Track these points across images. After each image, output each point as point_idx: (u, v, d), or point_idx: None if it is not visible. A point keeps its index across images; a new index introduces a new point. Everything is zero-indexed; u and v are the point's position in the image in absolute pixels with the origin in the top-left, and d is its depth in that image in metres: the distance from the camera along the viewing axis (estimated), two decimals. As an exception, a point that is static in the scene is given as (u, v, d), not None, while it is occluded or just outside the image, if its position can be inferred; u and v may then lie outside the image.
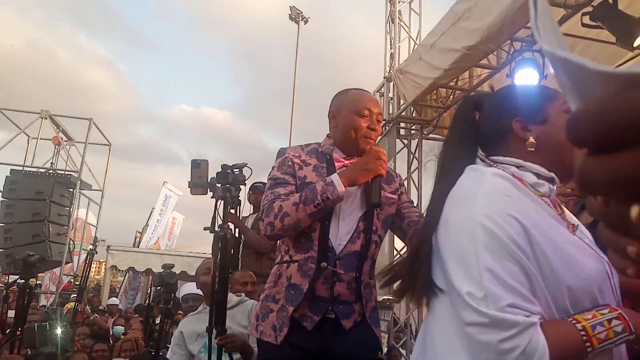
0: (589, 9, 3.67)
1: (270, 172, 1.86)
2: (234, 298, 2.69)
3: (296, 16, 13.97)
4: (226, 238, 3.65)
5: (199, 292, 3.63)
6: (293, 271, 1.72)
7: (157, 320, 4.11)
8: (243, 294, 2.82)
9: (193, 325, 2.63)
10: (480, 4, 4.01)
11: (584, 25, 3.82)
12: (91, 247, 6.67)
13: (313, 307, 1.70)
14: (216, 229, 3.10)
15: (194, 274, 8.36)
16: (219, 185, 4.43)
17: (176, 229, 13.48)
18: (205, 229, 2.53)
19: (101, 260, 15.02)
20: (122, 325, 6.13)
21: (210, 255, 2.60)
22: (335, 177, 1.68)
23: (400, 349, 5.80)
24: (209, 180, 2.41)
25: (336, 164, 1.80)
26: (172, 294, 3.19)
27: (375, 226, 1.78)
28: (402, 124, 6.22)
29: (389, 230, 1.91)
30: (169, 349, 2.80)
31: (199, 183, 2.33)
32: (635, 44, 3.58)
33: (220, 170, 4.41)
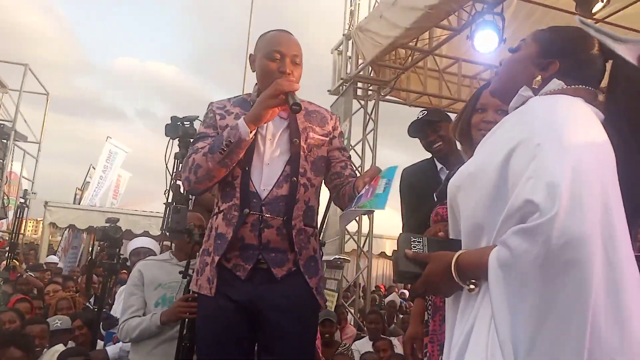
0: (552, -28, 3.66)
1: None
2: None
3: (252, -32, 13.36)
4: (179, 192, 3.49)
5: (150, 246, 3.48)
6: (219, 221, 1.72)
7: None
8: None
9: (153, 271, 2.40)
10: (445, -39, 3.91)
11: (545, -12, 3.82)
12: (21, 200, 6.25)
13: (243, 255, 1.68)
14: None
15: (140, 232, 8.17)
16: (169, 138, 4.21)
17: (122, 187, 12.96)
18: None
19: (38, 219, 14.29)
20: (59, 284, 5.85)
21: (157, 214, 2.45)
22: (240, 120, 1.63)
23: (348, 307, 5.90)
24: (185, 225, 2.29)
25: None
26: (117, 249, 3.03)
27: (303, 168, 1.72)
28: (360, 84, 6.13)
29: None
30: (121, 294, 2.57)
31: (176, 228, 2.26)
32: (594, 10, 3.62)
33: (169, 122, 4.19)
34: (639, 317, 0.83)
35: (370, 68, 5.86)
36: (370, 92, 6.22)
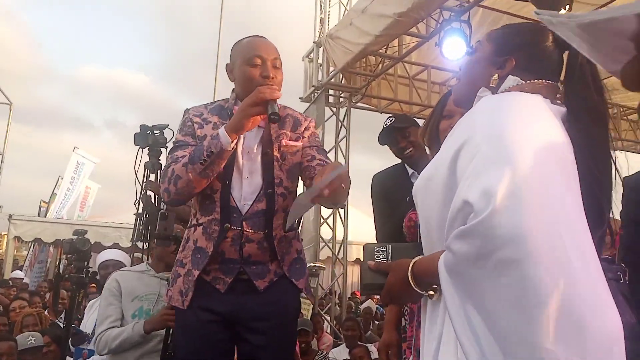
0: (515, -19, 3.77)
1: (175, 135, 1.78)
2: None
3: (221, -24, 13.32)
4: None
5: (119, 258, 3.38)
6: (199, 234, 1.67)
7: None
8: None
9: (131, 282, 2.33)
10: (413, -30, 3.98)
11: (510, -4, 3.92)
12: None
13: (224, 269, 1.65)
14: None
15: (109, 244, 7.96)
16: (138, 147, 4.12)
17: (90, 198, 12.63)
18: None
19: (3, 233, 13.80)
20: (25, 300, 5.64)
21: (128, 225, 2.41)
22: (221, 130, 1.59)
23: (324, 315, 5.88)
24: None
25: None
26: (85, 262, 2.93)
27: (278, 178, 1.70)
28: (331, 92, 6.16)
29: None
30: (90, 308, 2.47)
31: (164, 235, 2.23)
32: (556, 18, 3.73)
33: (139, 131, 4.10)
34: (598, 315, 0.78)
35: (341, 75, 5.90)
36: (341, 99, 6.25)
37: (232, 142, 1.58)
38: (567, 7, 3.78)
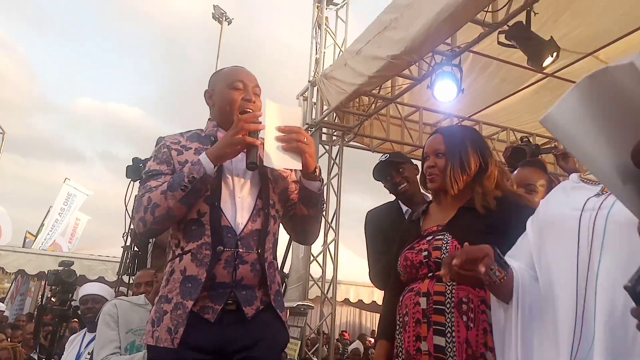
0: (504, 28, 3.90)
1: (147, 164, 1.72)
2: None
3: (220, 16, 13.66)
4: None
5: (102, 293, 3.30)
6: (187, 262, 1.57)
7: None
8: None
9: (127, 312, 2.25)
10: (406, 16, 4.11)
11: (499, 43, 4.05)
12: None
13: (213, 296, 1.56)
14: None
15: (95, 278, 7.81)
16: (129, 179, 4.10)
17: (79, 230, 12.47)
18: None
19: (-14, 263, 13.49)
20: (3, 334, 5.48)
21: (114, 259, 2.36)
22: (202, 156, 1.57)
23: (312, 355, 5.74)
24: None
25: None
26: (70, 295, 2.87)
27: (272, 200, 1.70)
28: (325, 130, 6.23)
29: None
30: (71, 343, 2.38)
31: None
32: (544, 64, 3.85)
33: (131, 163, 4.09)
34: None
35: (334, 114, 5.98)
36: (334, 138, 6.32)
37: (214, 168, 1.56)
38: (555, 54, 3.91)
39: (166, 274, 1.64)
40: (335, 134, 6.32)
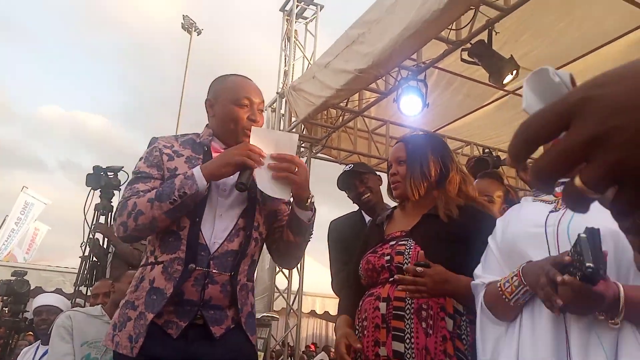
0: (468, 46, 4.03)
1: (137, 163, 1.64)
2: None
3: (189, 26, 13.59)
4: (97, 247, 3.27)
5: (57, 304, 3.19)
6: (157, 274, 1.53)
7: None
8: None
9: (82, 324, 2.19)
10: (374, 31, 4.20)
11: (462, 60, 4.18)
12: None
13: (180, 312, 1.51)
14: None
15: (52, 290, 7.54)
16: (90, 188, 4.00)
17: (38, 240, 12.02)
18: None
19: None
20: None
21: (72, 270, 2.31)
22: (197, 170, 1.51)
23: (276, 368, 5.69)
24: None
25: (214, 155, 1.64)
26: (22, 306, 2.77)
27: (257, 222, 1.64)
28: (292, 141, 6.25)
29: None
30: (24, 355, 2.31)
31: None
32: (504, 81, 3.99)
33: (92, 172, 4.00)
34: None
35: (302, 126, 6.01)
36: (302, 149, 6.35)
37: (207, 185, 1.52)
38: (515, 72, 4.06)
39: (136, 279, 1.60)
40: (303, 145, 6.35)
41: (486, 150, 5.52)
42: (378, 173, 2.76)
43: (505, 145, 6.44)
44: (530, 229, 1.32)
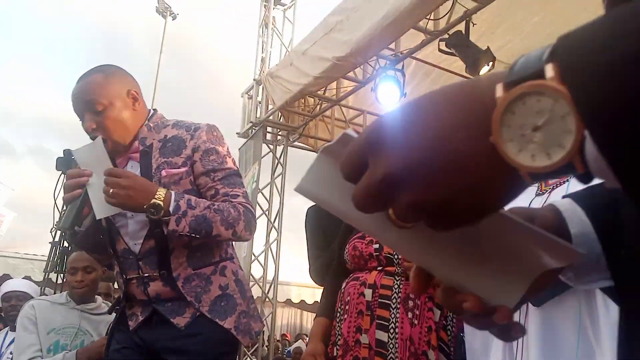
0: (445, 36, 4.05)
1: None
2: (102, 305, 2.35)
3: (164, 10, 13.28)
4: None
5: (26, 289, 3.11)
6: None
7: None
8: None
9: (47, 313, 2.14)
10: (352, 18, 4.18)
11: (440, 50, 4.20)
12: None
13: (143, 307, 1.64)
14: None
15: (20, 277, 7.34)
16: (60, 172, 3.89)
17: (4, 227, 11.67)
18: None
19: None
20: None
21: (42, 257, 2.35)
22: None
23: (251, 356, 5.69)
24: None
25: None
26: (-11, 292, 2.69)
27: None
28: (269, 129, 6.21)
29: None
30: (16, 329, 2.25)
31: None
32: (481, 72, 4.03)
33: (62, 155, 3.88)
34: None
35: (279, 113, 5.97)
36: (279, 137, 6.31)
37: None
38: (491, 64, 4.11)
39: None
40: (280, 133, 6.31)
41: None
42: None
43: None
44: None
